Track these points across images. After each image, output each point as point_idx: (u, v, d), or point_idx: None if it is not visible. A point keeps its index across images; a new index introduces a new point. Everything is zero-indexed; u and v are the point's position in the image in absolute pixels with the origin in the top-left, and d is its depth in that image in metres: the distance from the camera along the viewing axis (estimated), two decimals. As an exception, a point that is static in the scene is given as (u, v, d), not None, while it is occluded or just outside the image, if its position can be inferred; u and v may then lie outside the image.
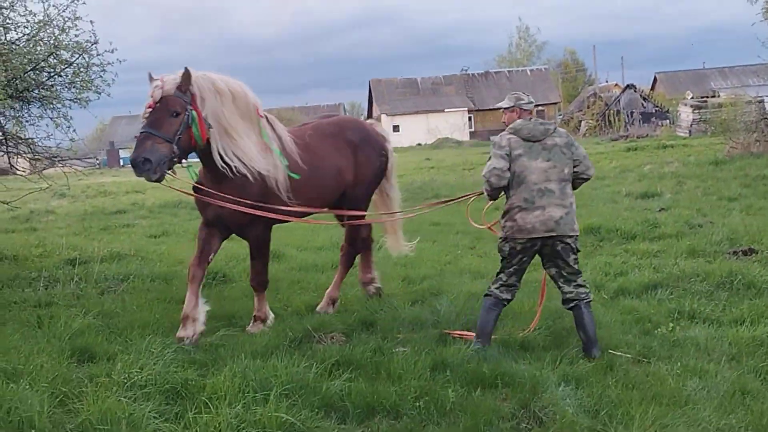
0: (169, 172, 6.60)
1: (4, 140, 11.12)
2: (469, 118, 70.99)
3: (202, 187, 7.10)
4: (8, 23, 10.53)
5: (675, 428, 4.79)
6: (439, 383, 5.64)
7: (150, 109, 6.51)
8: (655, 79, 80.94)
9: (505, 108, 6.94)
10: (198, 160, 7.10)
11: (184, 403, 5.22)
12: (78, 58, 10.77)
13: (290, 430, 4.84)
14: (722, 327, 7.04)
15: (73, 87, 10.98)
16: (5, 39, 10.50)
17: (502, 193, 6.69)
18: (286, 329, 7.19)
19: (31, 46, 10.52)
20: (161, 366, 5.84)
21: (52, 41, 10.65)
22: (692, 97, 52.29)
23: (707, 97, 52.72)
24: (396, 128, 69.40)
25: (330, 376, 5.84)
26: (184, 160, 6.83)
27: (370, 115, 78.05)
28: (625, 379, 5.72)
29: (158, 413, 5.06)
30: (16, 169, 11.87)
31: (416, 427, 5.03)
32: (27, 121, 11.20)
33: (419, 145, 65.25)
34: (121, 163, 71.60)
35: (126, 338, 6.93)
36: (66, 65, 10.72)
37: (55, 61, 10.65)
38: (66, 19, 10.58)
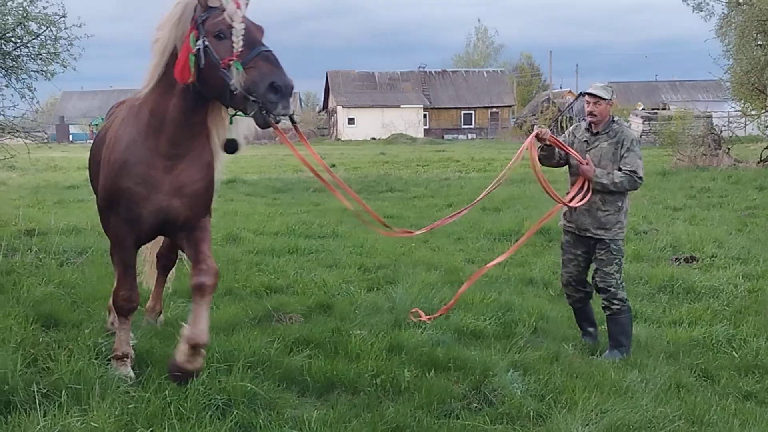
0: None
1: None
2: (424, 116, 71.38)
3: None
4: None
5: (614, 413, 5.12)
6: (395, 364, 5.92)
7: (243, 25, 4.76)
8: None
9: (603, 99, 6.72)
10: None
11: (152, 371, 5.41)
12: (45, 31, 10.82)
13: (253, 399, 5.06)
14: (662, 327, 7.46)
15: (39, 59, 11.02)
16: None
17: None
18: (246, 308, 7.40)
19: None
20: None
21: (20, 12, 10.68)
22: (643, 109, 53.33)
23: (658, 109, 53.88)
24: (351, 121, 69.60)
25: (290, 352, 6.09)
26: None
27: (326, 107, 78.07)
28: (569, 369, 6.06)
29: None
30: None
31: (373, 402, 5.28)
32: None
33: (373, 139, 65.49)
34: (71, 139, 70.57)
35: (88, 308, 7.07)
36: (33, 36, 10.76)
37: (22, 32, 10.69)
38: (35, -10, 10.61)
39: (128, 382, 5.19)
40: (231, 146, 5.21)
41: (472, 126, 72.27)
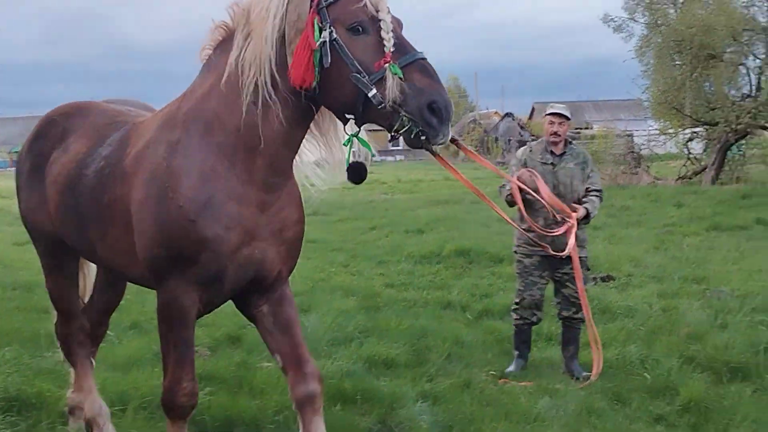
0: None
1: None
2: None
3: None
4: None
5: (522, 443, 5.02)
6: (301, 398, 5.71)
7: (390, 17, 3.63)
8: (533, 109, 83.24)
9: (568, 119, 6.96)
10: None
11: (39, 414, 5.10)
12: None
13: (146, 443, 4.81)
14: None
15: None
16: None
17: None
18: (151, 342, 7.09)
19: None
20: (17, 377, 5.71)
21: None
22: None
23: (581, 128, 54.84)
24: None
25: (191, 389, 5.83)
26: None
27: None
28: (480, 397, 5.93)
29: (10, 424, 4.95)
30: None
31: (274, 440, 5.08)
32: None
33: (302, 161, 65.22)
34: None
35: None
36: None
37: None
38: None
39: None
40: (358, 172, 3.91)
41: (400, 147, 72.44)
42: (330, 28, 3.54)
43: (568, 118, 6.93)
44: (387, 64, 3.45)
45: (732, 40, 22.88)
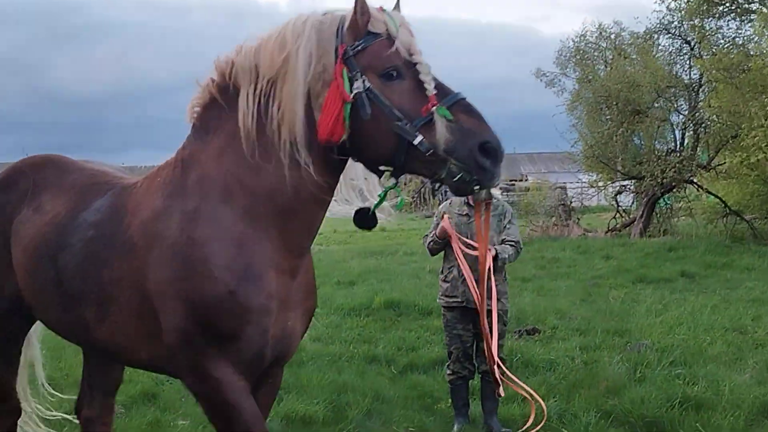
0: None
1: None
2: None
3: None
4: None
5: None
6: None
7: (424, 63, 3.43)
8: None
9: None
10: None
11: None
12: None
13: None
14: (501, 403, 7.39)
15: None
16: None
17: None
18: (62, 401, 6.88)
19: None
20: None
21: None
22: (502, 180, 54.94)
23: (516, 180, 55.64)
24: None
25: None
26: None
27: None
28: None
29: None
30: None
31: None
32: None
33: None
34: None
35: None
36: None
37: None
38: None
39: None
40: (368, 219, 3.72)
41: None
42: (361, 77, 3.33)
43: None
44: (434, 108, 3.25)
45: (657, 96, 23.55)
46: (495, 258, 6.68)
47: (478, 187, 3.28)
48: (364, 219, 3.70)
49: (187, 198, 3.60)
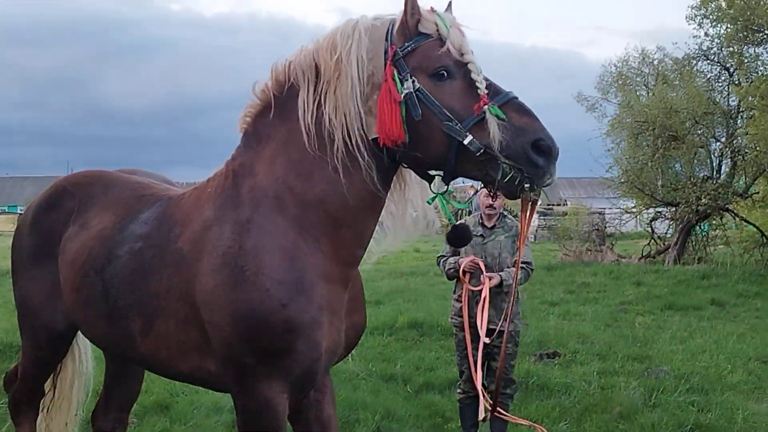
0: None
1: None
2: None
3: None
4: None
5: None
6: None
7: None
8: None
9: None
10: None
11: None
12: None
13: None
14: (509, 426, 7.37)
15: None
16: None
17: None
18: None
19: None
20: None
21: None
22: (540, 204, 54.65)
23: (553, 204, 55.36)
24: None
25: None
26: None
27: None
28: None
29: None
30: None
31: None
32: None
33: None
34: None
35: None
36: None
37: None
38: None
39: None
40: (462, 234, 3.76)
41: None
42: (411, 78, 3.30)
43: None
44: (486, 106, 3.20)
45: (694, 123, 23.34)
46: (500, 284, 6.72)
47: (529, 185, 3.22)
48: (459, 235, 3.71)
49: (238, 208, 3.57)
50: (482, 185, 6.21)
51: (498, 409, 6.37)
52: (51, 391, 5.09)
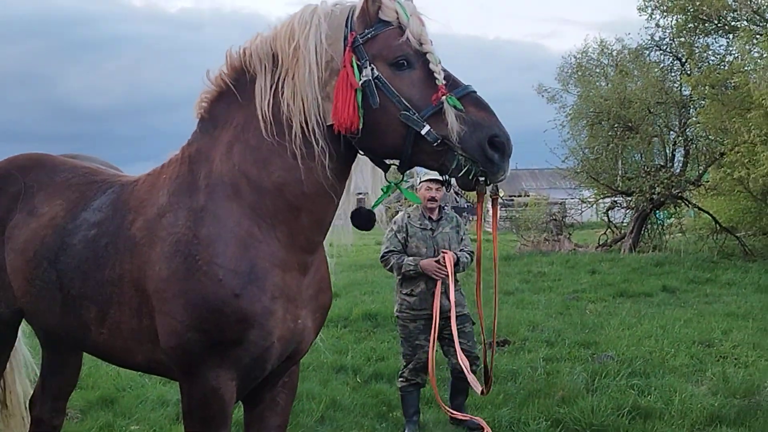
0: None
1: None
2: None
3: None
4: None
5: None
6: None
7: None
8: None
9: (442, 183, 7.06)
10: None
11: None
12: None
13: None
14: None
15: None
16: None
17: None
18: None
19: None
20: None
21: None
22: (502, 196, 54.96)
23: (515, 196, 55.76)
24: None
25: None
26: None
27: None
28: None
29: None
30: None
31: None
32: None
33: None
34: None
35: None
36: None
37: None
38: None
39: None
40: (367, 218, 3.67)
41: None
42: (370, 65, 3.28)
43: (443, 184, 7.14)
44: (444, 97, 3.19)
45: (647, 113, 23.63)
46: (456, 262, 6.87)
47: (484, 179, 3.24)
48: (363, 218, 3.65)
49: (193, 195, 3.53)
50: (420, 180, 6.31)
51: (440, 402, 6.57)
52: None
